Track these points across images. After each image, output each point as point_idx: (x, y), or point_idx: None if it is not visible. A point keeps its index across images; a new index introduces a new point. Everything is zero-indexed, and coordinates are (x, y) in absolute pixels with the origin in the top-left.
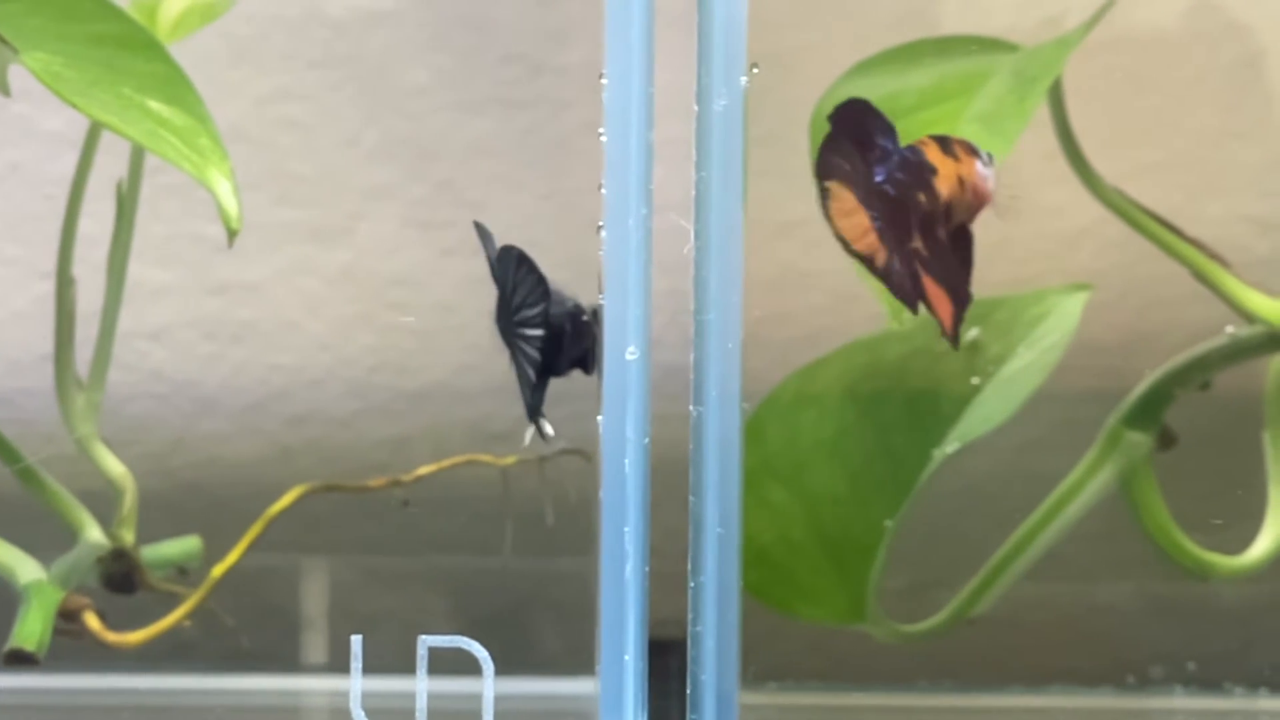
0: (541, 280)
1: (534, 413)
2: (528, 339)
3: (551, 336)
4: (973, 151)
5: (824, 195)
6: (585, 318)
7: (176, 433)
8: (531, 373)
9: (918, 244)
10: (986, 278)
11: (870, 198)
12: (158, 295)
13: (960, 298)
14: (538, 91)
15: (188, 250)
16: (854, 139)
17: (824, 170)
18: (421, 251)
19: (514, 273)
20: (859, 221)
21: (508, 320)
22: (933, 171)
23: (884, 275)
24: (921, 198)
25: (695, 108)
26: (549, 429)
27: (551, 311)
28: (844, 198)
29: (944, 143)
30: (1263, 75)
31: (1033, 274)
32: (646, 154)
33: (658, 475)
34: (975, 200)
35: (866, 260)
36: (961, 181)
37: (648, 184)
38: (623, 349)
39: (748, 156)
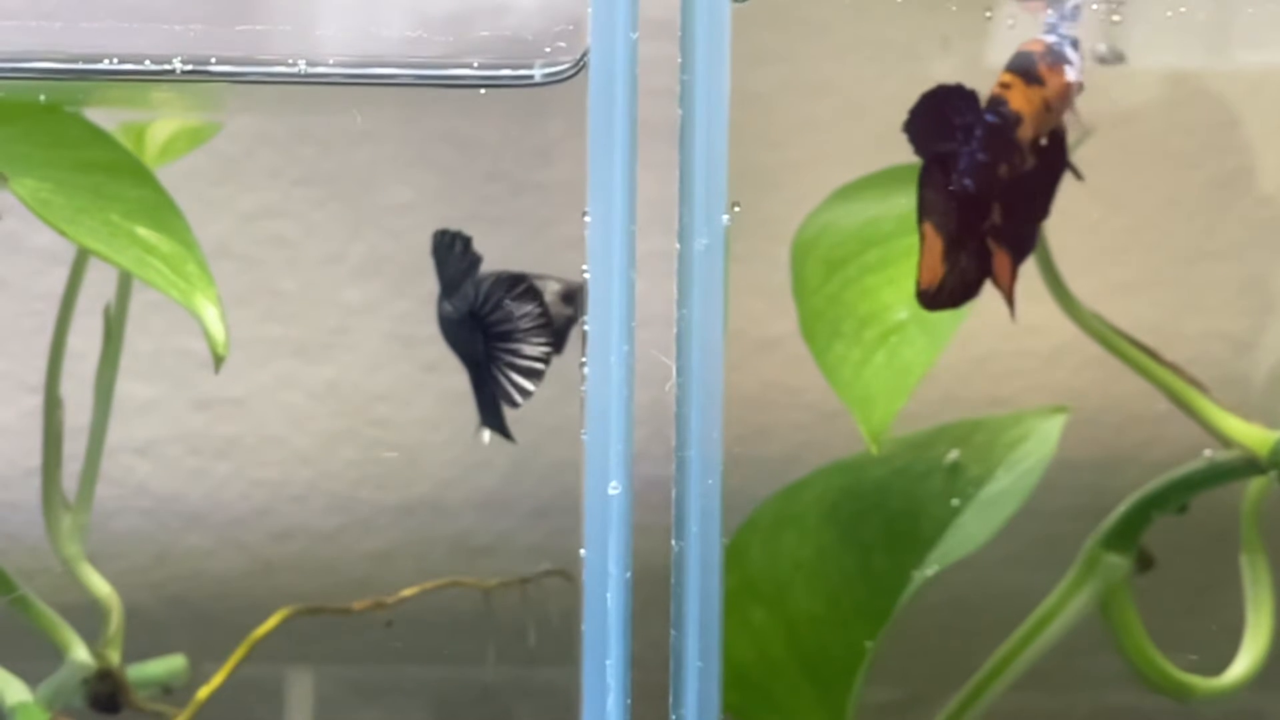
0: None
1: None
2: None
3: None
4: (1058, 60)
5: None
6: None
7: (161, 547)
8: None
9: (995, 218)
10: (964, 395)
11: (948, 212)
12: (143, 410)
13: (1022, 249)
14: (520, 209)
15: (173, 365)
16: (933, 141)
17: (921, 211)
18: (405, 367)
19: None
20: (933, 255)
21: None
22: (1017, 123)
23: (934, 295)
24: (1004, 169)
25: (677, 246)
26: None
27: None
28: (931, 237)
29: (1027, 73)
30: (1238, 195)
31: (1010, 392)
32: (628, 292)
33: (638, 588)
34: (1063, 106)
35: (925, 295)
36: (1048, 106)
37: (629, 321)
38: (605, 484)
39: (728, 282)
